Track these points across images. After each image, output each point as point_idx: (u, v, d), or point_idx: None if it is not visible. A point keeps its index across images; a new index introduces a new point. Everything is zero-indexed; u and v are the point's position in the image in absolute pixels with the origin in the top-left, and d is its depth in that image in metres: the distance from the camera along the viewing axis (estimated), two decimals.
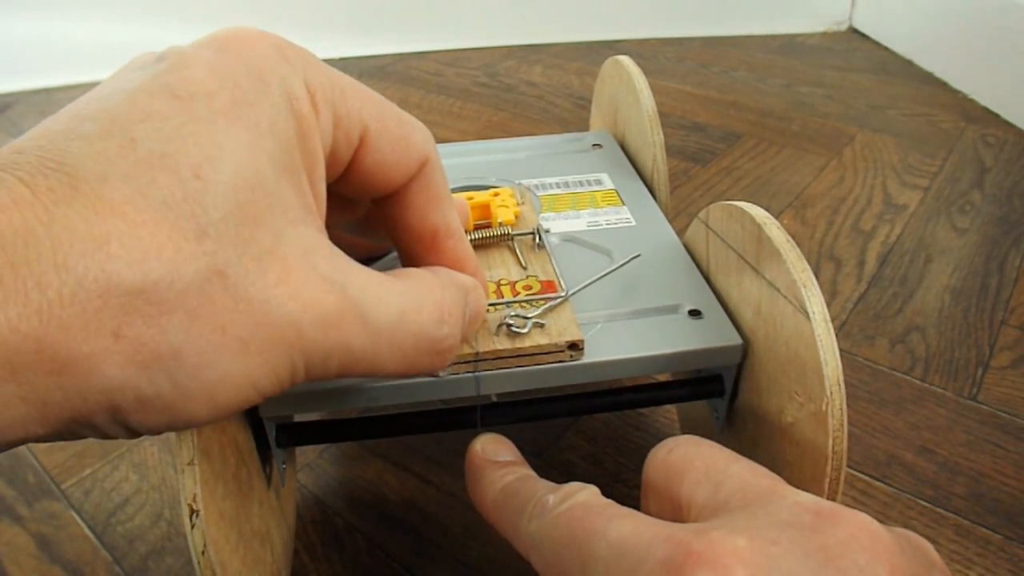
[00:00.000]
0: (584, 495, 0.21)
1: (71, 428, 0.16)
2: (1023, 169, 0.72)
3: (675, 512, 0.21)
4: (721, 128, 0.82)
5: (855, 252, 0.59)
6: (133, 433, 0.17)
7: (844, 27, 1.19)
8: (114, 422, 0.16)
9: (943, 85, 0.94)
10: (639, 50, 1.09)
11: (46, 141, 0.16)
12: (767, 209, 0.28)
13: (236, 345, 0.17)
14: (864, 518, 0.17)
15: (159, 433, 0.18)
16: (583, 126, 0.82)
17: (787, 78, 0.97)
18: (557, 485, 0.22)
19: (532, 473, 0.25)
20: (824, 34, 1.17)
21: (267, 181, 0.17)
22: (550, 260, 0.31)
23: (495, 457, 0.26)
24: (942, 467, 0.40)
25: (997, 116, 0.84)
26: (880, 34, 1.13)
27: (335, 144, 0.20)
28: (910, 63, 1.03)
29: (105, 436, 0.17)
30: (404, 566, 0.34)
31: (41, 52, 0.97)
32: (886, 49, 1.09)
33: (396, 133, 0.21)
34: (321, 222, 0.20)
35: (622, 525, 0.19)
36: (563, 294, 0.29)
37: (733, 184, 0.70)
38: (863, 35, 1.16)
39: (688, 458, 0.21)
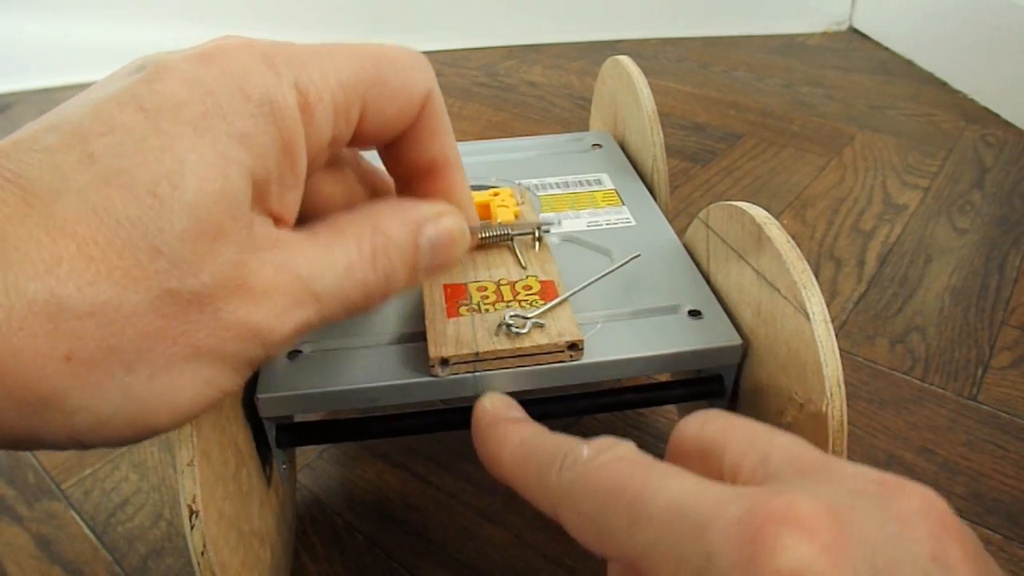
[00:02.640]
0: (624, 448, 0.20)
1: (28, 445, 0.16)
2: (1023, 169, 0.72)
3: None
4: (721, 128, 0.82)
5: (855, 252, 0.59)
6: (93, 447, 0.17)
7: (844, 27, 1.19)
8: (75, 442, 0.17)
9: (943, 85, 0.94)
10: (639, 50, 1.09)
11: (11, 148, 0.16)
12: (767, 209, 0.28)
13: (188, 353, 0.17)
14: (929, 491, 0.17)
15: (124, 446, 0.18)
16: (583, 126, 0.82)
17: (787, 78, 0.97)
18: (584, 439, 0.21)
19: (547, 429, 0.24)
20: (824, 34, 1.17)
21: (233, 194, 0.17)
22: (550, 259, 0.31)
23: (507, 413, 0.25)
24: (942, 467, 0.40)
25: (997, 116, 0.84)
26: (880, 34, 1.13)
27: (336, 131, 0.20)
28: (910, 63, 1.03)
29: (64, 450, 0.17)
30: (404, 566, 0.34)
31: (41, 52, 0.97)
32: (886, 49, 1.09)
33: (396, 85, 0.21)
34: (290, 220, 0.20)
35: (681, 482, 0.18)
36: (563, 294, 0.29)
37: (733, 184, 0.70)
38: (863, 35, 1.16)
39: (728, 429, 0.20)
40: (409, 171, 0.24)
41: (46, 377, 0.15)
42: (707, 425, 0.21)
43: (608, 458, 0.19)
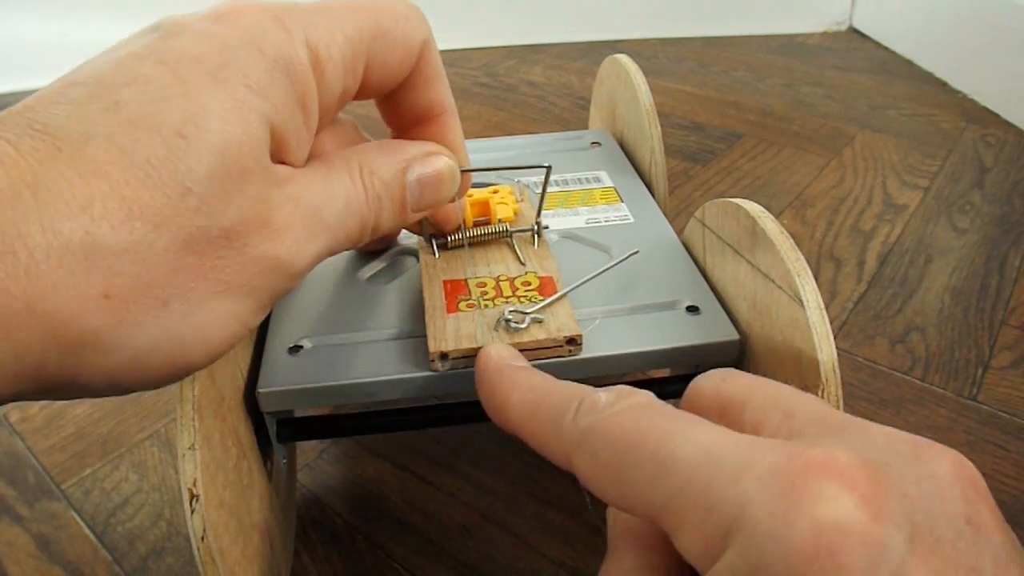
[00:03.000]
0: (645, 396, 0.19)
1: (66, 390, 0.17)
2: (1023, 169, 0.72)
3: None
4: (721, 128, 0.82)
5: (855, 252, 0.59)
6: (130, 391, 0.18)
7: (844, 27, 1.19)
8: (112, 384, 0.17)
9: (943, 85, 0.94)
10: (639, 50, 1.09)
11: (35, 103, 0.17)
12: (767, 209, 0.28)
13: (219, 288, 0.18)
14: (959, 455, 0.16)
15: (159, 386, 0.18)
16: (583, 126, 0.82)
17: (787, 78, 0.97)
18: (597, 388, 0.20)
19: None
20: (824, 34, 1.17)
21: (254, 138, 0.18)
22: (549, 256, 0.31)
23: (515, 362, 0.24)
24: None
25: (997, 116, 0.84)
26: (880, 34, 1.13)
27: (345, 85, 0.21)
28: (910, 63, 1.03)
29: (101, 395, 0.17)
30: (404, 566, 0.34)
31: (41, 52, 0.97)
32: (886, 49, 1.09)
33: (397, 36, 0.22)
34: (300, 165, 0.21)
35: (709, 430, 0.17)
36: (561, 290, 0.29)
37: (733, 184, 0.70)
38: (863, 35, 1.16)
39: (748, 387, 0.19)
40: (407, 118, 0.25)
41: (85, 315, 0.15)
42: (726, 381, 0.20)
43: (628, 404, 0.18)
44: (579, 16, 1.15)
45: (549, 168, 0.30)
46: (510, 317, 0.27)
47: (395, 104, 0.24)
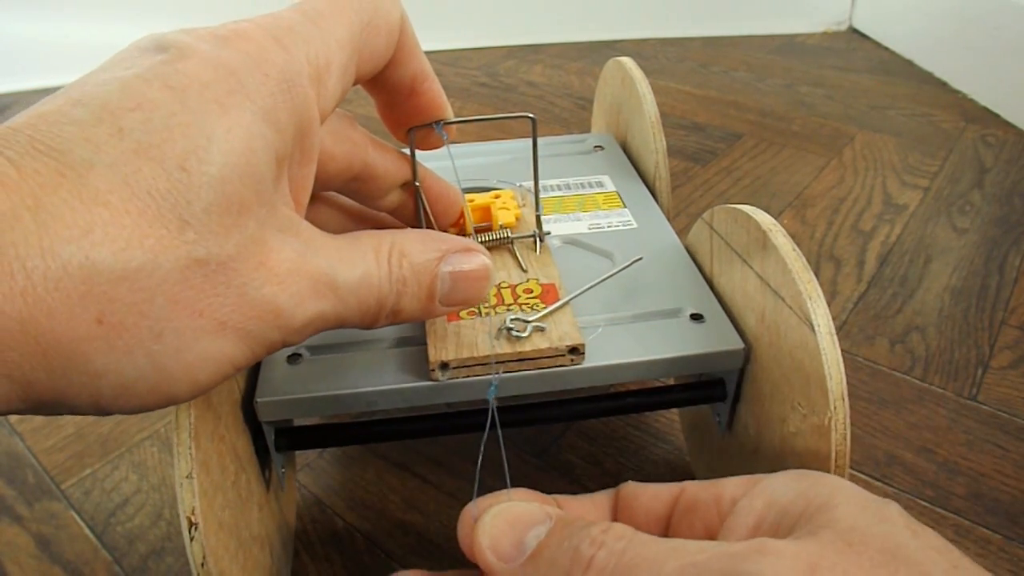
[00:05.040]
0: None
1: (52, 408, 0.17)
2: (1023, 169, 0.72)
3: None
4: (721, 128, 0.82)
5: (855, 252, 0.59)
6: (111, 413, 0.18)
7: (844, 27, 1.19)
8: (96, 407, 0.17)
9: (943, 85, 0.94)
10: (639, 50, 1.09)
11: (39, 121, 0.16)
12: (767, 209, 0.28)
13: (214, 326, 0.18)
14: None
15: (141, 412, 0.18)
16: (583, 127, 0.82)
17: (787, 78, 0.97)
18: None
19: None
20: (824, 34, 1.17)
21: (257, 169, 0.18)
22: (551, 262, 0.31)
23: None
24: (942, 467, 0.40)
25: (997, 116, 0.84)
26: (880, 34, 1.13)
27: (343, 87, 0.21)
28: (910, 63, 1.03)
29: (84, 414, 0.17)
30: (404, 566, 0.34)
31: (41, 52, 0.97)
32: (886, 49, 1.09)
33: (379, 23, 0.22)
34: (304, 199, 0.21)
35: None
36: (564, 297, 0.28)
37: (733, 184, 0.70)
38: (863, 35, 1.16)
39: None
40: (395, 93, 0.25)
41: (78, 338, 0.15)
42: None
43: None
44: (579, 16, 1.15)
45: (534, 120, 0.30)
46: (511, 326, 0.27)
47: (384, 81, 0.25)
